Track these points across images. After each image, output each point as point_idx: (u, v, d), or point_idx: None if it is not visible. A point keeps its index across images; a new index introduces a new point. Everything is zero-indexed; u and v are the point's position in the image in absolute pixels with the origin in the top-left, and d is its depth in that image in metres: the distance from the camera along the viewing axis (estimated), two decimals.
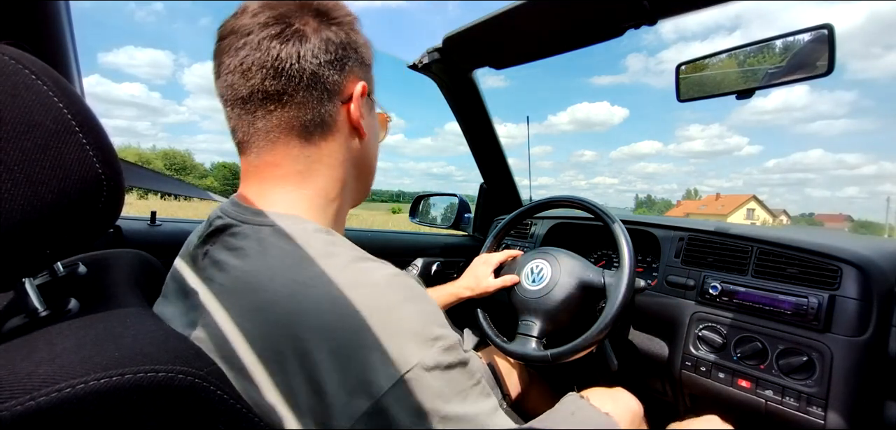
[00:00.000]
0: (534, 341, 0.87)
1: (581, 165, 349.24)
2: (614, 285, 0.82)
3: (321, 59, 0.42)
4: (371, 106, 0.52)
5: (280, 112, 0.42)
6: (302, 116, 0.43)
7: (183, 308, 0.41)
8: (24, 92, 0.27)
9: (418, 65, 1.15)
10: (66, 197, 0.28)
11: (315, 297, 0.34)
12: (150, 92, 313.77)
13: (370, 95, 0.50)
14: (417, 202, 1.73)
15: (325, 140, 0.45)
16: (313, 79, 0.42)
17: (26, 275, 0.32)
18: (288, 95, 0.42)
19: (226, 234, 0.41)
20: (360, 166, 0.51)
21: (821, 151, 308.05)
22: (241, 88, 0.41)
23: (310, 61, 0.42)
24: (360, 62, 0.47)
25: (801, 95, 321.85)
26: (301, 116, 0.43)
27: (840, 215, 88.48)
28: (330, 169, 0.46)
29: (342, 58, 0.44)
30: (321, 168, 0.45)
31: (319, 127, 0.44)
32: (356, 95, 0.46)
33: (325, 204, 0.46)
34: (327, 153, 0.46)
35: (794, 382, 0.76)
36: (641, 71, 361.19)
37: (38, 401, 0.23)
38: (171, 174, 19.81)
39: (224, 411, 0.29)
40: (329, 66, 0.43)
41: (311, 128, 0.44)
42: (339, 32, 0.44)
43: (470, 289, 0.98)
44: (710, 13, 6.58)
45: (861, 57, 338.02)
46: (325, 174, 0.46)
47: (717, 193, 70.49)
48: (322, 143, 0.45)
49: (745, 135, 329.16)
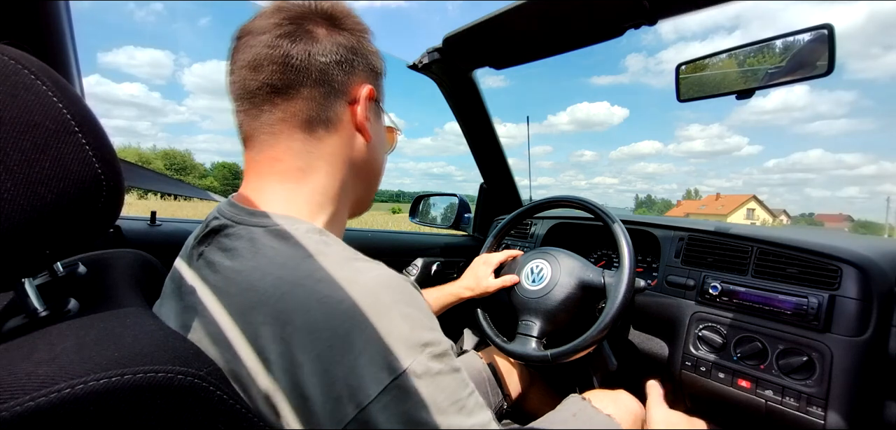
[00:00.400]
0: (534, 342, 0.87)
1: (581, 165, 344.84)
2: (614, 285, 0.82)
3: (330, 58, 0.44)
4: (378, 113, 0.52)
5: (285, 105, 0.43)
6: (306, 110, 0.44)
7: (178, 309, 0.40)
8: (23, 92, 0.27)
9: (418, 65, 1.15)
10: (65, 197, 0.28)
11: (302, 296, 0.33)
12: (149, 92, 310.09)
13: (378, 102, 0.51)
14: (417, 202, 1.73)
15: (328, 136, 0.46)
16: (321, 75, 0.43)
17: (26, 275, 0.32)
18: (294, 89, 0.43)
19: (220, 235, 0.41)
20: (362, 170, 0.51)
21: (820, 151, 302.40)
22: (251, 83, 0.43)
23: (319, 58, 0.43)
24: (369, 69, 0.48)
25: (801, 95, 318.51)
26: (306, 110, 0.44)
27: (840, 215, 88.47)
28: (331, 166, 0.46)
29: (351, 61, 0.46)
30: (322, 164, 0.46)
31: (323, 123, 0.45)
32: (362, 97, 0.47)
33: (322, 203, 0.46)
34: (329, 150, 0.46)
35: (794, 382, 0.76)
36: (641, 71, 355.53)
37: (38, 401, 0.23)
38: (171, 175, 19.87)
39: (224, 411, 0.29)
40: (337, 66, 0.44)
41: (315, 123, 0.44)
42: (349, 38, 0.46)
43: (470, 289, 0.98)
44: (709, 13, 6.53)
45: (860, 57, 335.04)
46: (325, 171, 0.46)
47: (717, 193, 70.44)
48: (325, 137, 0.45)
49: (744, 135, 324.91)
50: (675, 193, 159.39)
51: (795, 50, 0.77)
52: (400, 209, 32.76)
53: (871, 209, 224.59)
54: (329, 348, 0.31)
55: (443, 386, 0.33)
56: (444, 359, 0.34)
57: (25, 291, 0.32)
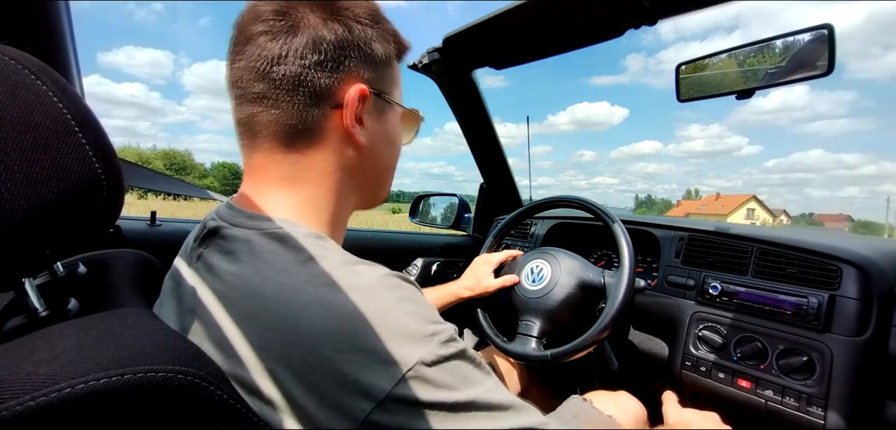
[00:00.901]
0: (534, 342, 0.87)
1: (581, 165, 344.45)
2: (614, 285, 0.82)
3: (308, 61, 0.39)
4: (383, 108, 0.47)
5: (265, 114, 0.41)
6: (284, 121, 0.41)
7: (177, 310, 0.40)
8: (23, 92, 0.27)
9: (418, 65, 1.15)
10: (65, 197, 0.28)
11: (305, 301, 0.33)
12: (149, 92, 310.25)
13: (382, 95, 0.46)
14: (417, 202, 1.73)
15: (311, 148, 0.42)
16: (295, 83, 0.40)
17: (26, 275, 0.32)
18: (270, 99, 0.40)
19: (218, 237, 0.41)
20: (360, 176, 0.47)
21: (820, 151, 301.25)
22: (237, 88, 0.42)
23: (292, 64, 0.39)
24: (364, 60, 0.43)
25: (801, 95, 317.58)
26: (283, 121, 0.41)
27: (840, 215, 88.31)
28: (319, 177, 0.43)
29: (336, 58, 0.41)
30: (310, 175, 0.43)
31: (303, 134, 0.42)
32: (349, 100, 0.42)
33: (318, 210, 0.44)
34: (316, 162, 0.43)
35: (794, 382, 0.76)
36: (641, 71, 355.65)
37: (38, 401, 0.23)
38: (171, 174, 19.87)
39: (224, 411, 0.29)
40: (317, 67, 0.40)
41: (295, 134, 0.41)
42: (338, 29, 0.40)
43: (470, 289, 0.98)
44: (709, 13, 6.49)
45: (860, 57, 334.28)
46: (313, 182, 0.43)
47: (717, 193, 70.26)
48: (308, 151, 0.42)
49: (744, 135, 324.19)
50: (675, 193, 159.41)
51: (795, 50, 0.77)
52: (400, 209, 32.59)
53: (871, 209, 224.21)
54: (335, 350, 0.32)
55: (455, 368, 0.34)
56: (451, 344, 0.35)
57: (25, 291, 0.32)
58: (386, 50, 0.45)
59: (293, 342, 0.32)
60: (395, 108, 0.49)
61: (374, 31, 0.44)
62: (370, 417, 0.31)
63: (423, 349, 0.33)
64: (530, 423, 0.37)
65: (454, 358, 0.35)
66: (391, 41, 0.46)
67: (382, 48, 0.44)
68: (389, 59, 0.46)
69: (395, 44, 0.47)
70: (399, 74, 0.49)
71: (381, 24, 0.45)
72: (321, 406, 0.31)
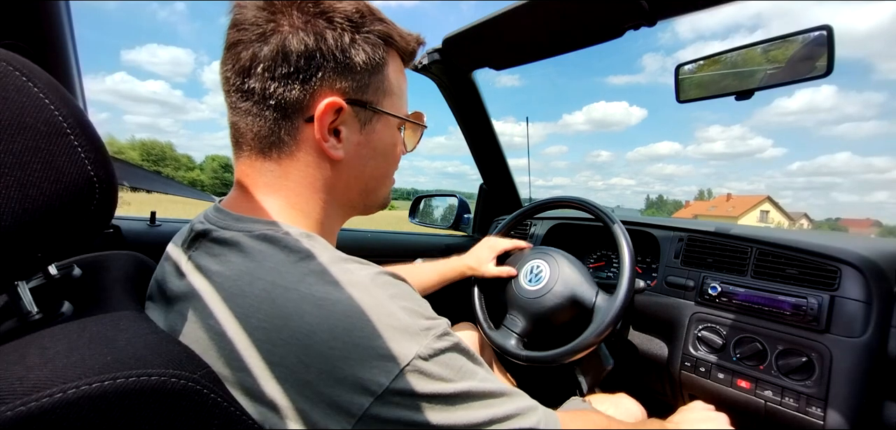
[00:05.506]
0: (514, 338, 0.88)
1: (597, 166, 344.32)
2: (604, 309, 0.81)
3: (275, 73, 0.38)
4: (367, 118, 0.44)
5: (243, 123, 0.41)
6: (258, 132, 0.40)
7: (165, 313, 0.40)
8: (14, 94, 0.27)
9: (418, 66, 1.15)
10: (57, 199, 0.28)
11: (297, 299, 0.33)
12: (171, 90, 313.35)
13: (367, 105, 0.43)
14: (417, 203, 1.73)
15: (287, 159, 0.41)
16: (263, 95, 0.39)
17: (19, 278, 0.32)
18: (243, 110, 0.40)
19: (207, 239, 0.40)
20: (343, 187, 0.45)
21: (848, 154, 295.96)
22: (224, 93, 0.42)
23: (259, 77, 0.38)
24: (339, 71, 0.40)
25: (828, 96, 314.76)
26: (257, 132, 0.40)
27: (867, 221, 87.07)
28: (299, 187, 0.42)
29: (305, 69, 0.38)
30: (289, 185, 0.42)
31: (275, 146, 0.41)
32: (319, 114, 0.40)
33: (303, 214, 0.43)
34: (293, 172, 0.42)
35: (793, 382, 0.76)
36: (658, 70, 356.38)
37: (30, 406, 0.23)
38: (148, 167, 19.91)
39: (218, 414, 0.29)
40: (284, 80, 0.38)
41: (267, 145, 0.41)
42: (306, 38, 0.38)
43: (471, 268, 0.99)
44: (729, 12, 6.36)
45: (889, 57, 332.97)
46: (295, 191, 0.42)
47: (728, 193, 68.91)
48: (284, 161, 0.42)
49: (768, 137, 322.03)
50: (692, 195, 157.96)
51: (795, 51, 0.77)
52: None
53: None
54: (329, 347, 0.32)
55: (450, 360, 0.35)
56: (445, 338, 0.36)
57: (18, 294, 0.32)
58: (370, 56, 0.42)
59: (286, 341, 0.32)
60: (385, 116, 0.46)
61: (356, 37, 0.41)
62: (369, 412, 0.31)
63: (420, 344, 0.34)
64: (522, 407, 0.38)
65: (449, 351, 0.36)
66: (381, 46, 0.43)
67: (365, 55, 0.41)
68: (375, 65, 0.42)
69: (388, 47, 0.44)
70: (395, 79, 0.46)
71: (367, 27, 0.41)
72: (316, 404, 0.31)
